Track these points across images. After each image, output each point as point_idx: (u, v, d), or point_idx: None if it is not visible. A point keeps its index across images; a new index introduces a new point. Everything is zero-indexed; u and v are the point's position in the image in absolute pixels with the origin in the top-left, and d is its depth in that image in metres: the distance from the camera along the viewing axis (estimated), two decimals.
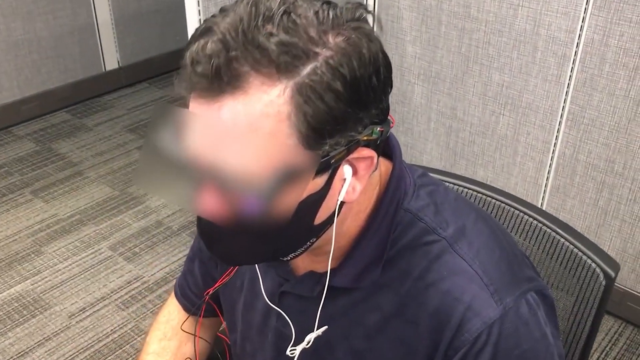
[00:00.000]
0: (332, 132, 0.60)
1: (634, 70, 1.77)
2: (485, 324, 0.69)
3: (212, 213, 0.63)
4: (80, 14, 3.37)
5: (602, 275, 0.95)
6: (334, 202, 0.66)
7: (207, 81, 0.58)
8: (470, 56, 2.08)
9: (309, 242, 0.68)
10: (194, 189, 0.63)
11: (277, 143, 0.59)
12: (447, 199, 0.77)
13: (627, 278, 2.05)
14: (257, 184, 0.59)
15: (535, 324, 0.72)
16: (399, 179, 0.74)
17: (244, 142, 0.59)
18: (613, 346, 2.03)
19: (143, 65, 3.76)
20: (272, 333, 0.85)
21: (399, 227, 0.73)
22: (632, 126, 1.84)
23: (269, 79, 0.58)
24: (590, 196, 2.00)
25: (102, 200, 2.71)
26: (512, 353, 0.70)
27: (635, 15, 1.72)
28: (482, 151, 2.19)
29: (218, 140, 0.59)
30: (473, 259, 0.71)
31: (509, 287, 0.71)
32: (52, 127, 3.29)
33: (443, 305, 0.70)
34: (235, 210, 0.62)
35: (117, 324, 2.10)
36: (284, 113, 0.58)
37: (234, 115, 0.58)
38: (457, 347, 0.69)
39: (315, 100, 0.58)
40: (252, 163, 0.59)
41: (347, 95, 0.59)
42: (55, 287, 2.24)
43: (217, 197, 0.62)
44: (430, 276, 0.71)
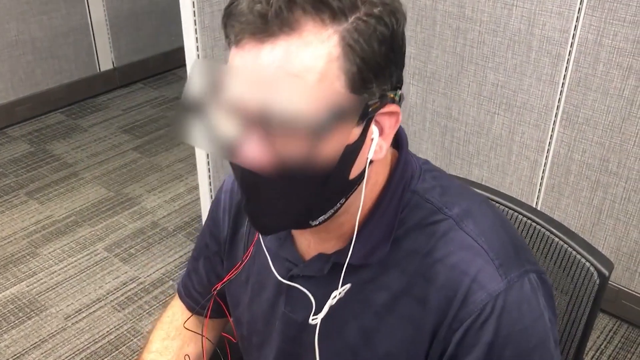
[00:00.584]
0: (374, 78, 0.65)
1: (628, 70, 1.78)
2: (490, 296, 0.70)
3: (259, 160, 0.64)
4: (74, 15, 3.37)
5: (596, 274, 0.95)
6: (364, 160, 0.69)
7: (263, 21, 0.61)
8: (465, 56, 2.09)
9: (339, 202, 0.70)
10: (239, 136, 0.64)
11: (326, 84, 0.62)
12: (452, 184, 0.80)
13: (622, 276, 2.06)
14: (308, 124, 0.61)
15: (536, 304, 0.74)
16: (405, 163, 0.77)
17: (296, 82, 0.61)
18: (608, 344, 2.04)
19: (138, 65, 3.76)
20: (279, 321, 0.85)
21: (407, 208, 0.75)
22: (626, 125, 1.85)
23: (321, 23, 0.61)
24: (585, 195, 2.01)
25: (97, 202, 2.71)
26: (515, 327, 0.71)
27: (629, 15, 1.73)
28: (477, 151, 2.20)
29: (270, 80, 0.62)
30: (479, 236, 0.73)
31: (513, 263, 0.73)
32: (46, 128, 3.28)
33: (450, 279, 0.72)
34: (282, 154, 0.63)
35: (113, 326, 2.10)
36: (333, 55, 0.62)
37: (288, 55, 0.61)
38: (461, 319, 0.71)
39: (362, 44, 0.63)
40: (302, 103, 0.61)
41: (388, 43, 0.65)
42: (50, 289, 2.24)
43: (265, 143, 0.63)
44: (437, 253, 0.73)
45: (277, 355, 0.87)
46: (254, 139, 0.64)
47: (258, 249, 0.87)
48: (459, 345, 0.72)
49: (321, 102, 0.62)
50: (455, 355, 0.72)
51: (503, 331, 0.71)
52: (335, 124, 0.62)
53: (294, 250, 0.82)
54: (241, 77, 0.63)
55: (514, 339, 0.71)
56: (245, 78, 0.63)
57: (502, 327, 0.71)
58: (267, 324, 0.88)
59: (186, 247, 2.45)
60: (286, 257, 0.82)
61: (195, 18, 1.82)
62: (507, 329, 0.71)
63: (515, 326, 0.71)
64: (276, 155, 0.64)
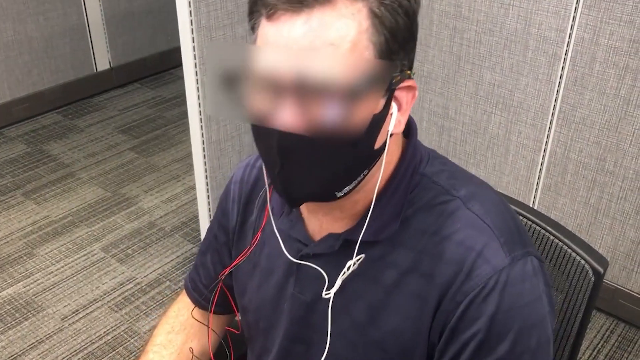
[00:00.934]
0: (399, 49, 0.70)
1: (624, 69, 1.79)
2: (495, 270, 0.73)
3: (295, 124, 0.67)
4: (71, 15, 3.36)
5: (591, 271, 0.95)
6: (385, 133, 0.73)
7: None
8: (461, 55, 2.09)
9: (363, 173, 0.74)
10: (276, 103, 0.68)
11: (357, 53, 0.67)
12: (458, 169, 0.84)
13: (619, 275, 2.06)
14: (341, 88, 0.66)
15: (537, 284, 0.76)
16: (415, 148, 0.81)
17: (330, 50, 0.66)
18: (605, 343, 2.05)
19: (134, 65, 3.75)
20: (287, 303, 0.87)
21: (416, 189, 0.79)
22: (622, 125, 1.85)
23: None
24: (582, 194, 2.02)
25: (94, 202, 2.71)
26: (516, 303, 0.74)
27: (625, 14, 1.73)
28: (474, 150, 2.20)
29: (306, 49, 0.65)
30: (485, 215, 0.77)
31: (517, 243, 0.77)
32: (43, 129, 3.27)
33: (456, 255, 0.75)
34: (317, 118, 0.67)
35: (110, 326, 2.09)
36: (363, 26, 0.67)
37: (323, 25, 0.65)
38: (465, 292, 0.74)
39: (389, 17, 0.68)
40: (336, 70, 0.66)
41: (410, 19, 0.70)
42: (47, 290, 2.23)
43: (300, 108, 0.67)
44: (445, 230, 0.76)
45: (284, 338, 0.89)
46: (290, 105, 0.67)
47: (267, 237, 0.89)
48: (461, 317, 0.74)
49: (353, 68, 0.66)
50: (457, 327, 0.75)
51: (505, 305, 0.73)
52: (365, 89, 0.67)
53: (305, 231, 0.84)
54: (276, 50, 0.67)
55: (515, 314, 0.74)
56: (280, 50, 0.67)
57: (504, 301, 0.73)
58: (275, 308, 0.89)
59: (183, 247, 2.45)
60: (297, 237, 0.84)
61: (191, 18, 1.81)
62: (509, 303, 0.73)
63: (516, 301, 0.74)
64: (311, 120, 0.67)
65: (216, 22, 1.89)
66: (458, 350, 0.75)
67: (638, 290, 2.04)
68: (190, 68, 1.90)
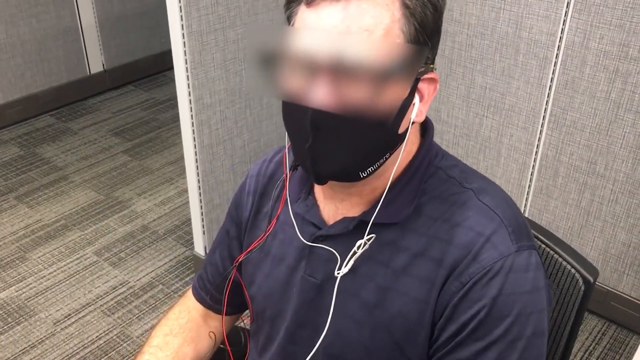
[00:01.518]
0: (426, 40, 0.75)
1: (614, 73, 1.79)
2: (501, 255, 0.77)
3: (329, 102, 0.72)
4: (64, 17, 3.36)
5: (582, 280, 0.96)
6: (408, 120, 0.78)
7: None
8: (453, 59, 2.10)
9: (385, 157, 0.78)
10: (312, 82, 0.73)
11: (389, 39, 0.72)
12: (467, 167, 0.88)
13: (610, 278, 2.07)
14: (375, 70, 0.71)
15: (540, 277, 0.79)
16: (431, 144, 0.86)
17: (365, 35, 0.71)
18: (597, 345, 2.05)
19: (128, 68, 3.75)
20: (297, 287, 0.89)
21: (430, 180, 0.84)
22: (612, 128, 1.86)
23: None
24: (573, 197, 2.02)
25: (87, 205, 2.70)
26: (518, 289, 0.77)
27: (614, 18, 1.73)
28: (467, 153, 2.21)
29: (344, 33, 0.71)
30: (495, 206, 0.81)
31: (524, 234, 0.80)
32: (36, 132, 3.27)
33: (465, 239, 0.79)
34: (350, 97, 0.72)
35: (102, 330, 2.09)
36: (396, 16, 0.73)
37: (359, 12, 0.71)
38: (471, 273, 0.77)
39: (419, 9, 0.74)
40: (371, 53, 0.71)
41: (438, 14, 0.76)
42: (40, 294, 2.23)
43: (336, 87, 0.72)
44: (456, 218, 0.80)
45: (289, 325, 0.91)
46: (325, 84, 0.72)
47: (280, 225, 0.93)
48: (463, 297, 0.77)
49: (385, 53, 0.72)
50: (459, 306, 0.78)
51: (507, 289, 0.76)
52: (395, 73, 0.72)
53: (320, 215, 0.88)
54: (315, 33, 0.72)
55: (516, 299, 0.76)
56: (319, 34, 0.72)
57: (507, 285, 0.76)
58: (284, 294, 0.91)
59: (176, 250, 2.45)
60: (312, 220, 0.88)
61: (182, 22, 1.81)
62: (511, 288, 0.76)
63: (519, 287, 0.77)
64: (343, 99, 0.72)
65: (207, 26, 1.89)
66: (457, 329, 0.78)
67: (629, 292, 2.05)
68: (182, 73, 1.90)
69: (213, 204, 2.17)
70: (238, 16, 1.97)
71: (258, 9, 2.00)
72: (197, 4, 1.83)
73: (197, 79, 1.94)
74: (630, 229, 1.95)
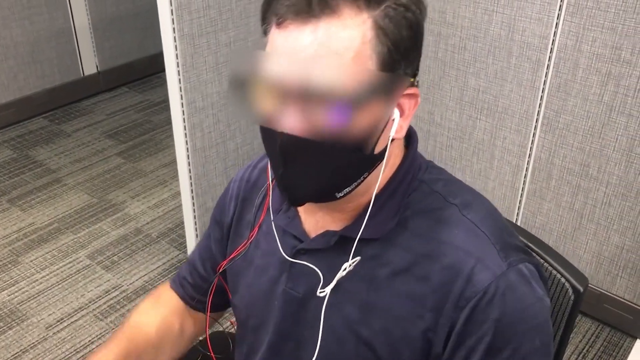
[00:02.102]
0: (401, 60, 0.72)
1: (607, 76, 1.79)
2: (495, 276, 0.76)
3: (299, 128, 0.71)
4: (57, 19, 3.34)
5: (571, 289, 0.95)
6: (386, 138, 0.76)
7: (307, 3, 0.68)
8: (446, 61, 2.09)
9: (363, 176, 0.77)
10: (281, 107, 0.71)
11: (360, 63, 0.70)
12: (453, 178, 0.87)
13: (604, 280, 2.06)
14: (344, 96, 0.69)
15: (535, 288, 0.79)
16: (414, 156, 0.84)
17: (334, 59, 0.69)
18: (590, 348, 2.05)
19: (122, 69, 3.74)
20: (279, 299, 0.88)
21: (414, 193, 0.82)
22: (605, 130, 1.85)
23: (357, 9, 0.69)
24: (566, 200, 2.02)
25: (80, 208, 2.69)
26: (519, 306, 0.76)
27: (607, 21, 1.73)
28: (460, 155, 2.20)
29: (312, 57, 0.69)
30: (480, 223, 0.79)
31: (512, 249, 0.79)
32: (29, 134, 3.25)
33: (454, 260, 0.77)
34: (320, 123, 0.70)
35: (95, 335, 2.08)
36: (367, 37, 0.69)
37: (329, 35, 0.68)
38: (468, 297, 0.76)
39: (392, 28, 0.70)
40: (340, 78, 0.69)
41: (414, 30, 0.72)
42: (32, 298, 2.22)
43: (304, 113, 0.70)
44: (442, 235, 0.79)
45: (272, 336, 0.90)
46: (294, 110, 0.70)
47: (263, 235, 0.92)
48: (467, 322, 0.76)
49: (356, 78, 0.69)
50: (463, 332, 0.77)
51: (509, 309, 0.75)
52: (366, 99, 0.70)
53: (301, 227, 0.87)
54: (283, 57, 0.70)
55: (519, 316, 0.76)
56: (287, 57, 0.70)
57: (507, 305, 0.75)
58: (266, 305, 0.90)
59: (170, 253, 2.44)
60: (293, 233, 0.87)
61: (174, 26, 1.80)
62: (512, 307, 0.76)
63: (519, 305, 0.76)
64: (313, 124, 0.71)
65: (199, 29, 1.88)
66: (466, 354, 0.77)
67: (622, 294, 2.05)
68: (174, 76, 1.89)
69: (206, 207, 2.16)
70: (230, 19, 1.96)
71: (250, 12, 2.00)
72: (189, 7, 1.82)
73: (189, 82, 1.93)
74: (624, 232, 1.95)
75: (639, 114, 1.78)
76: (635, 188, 1.87)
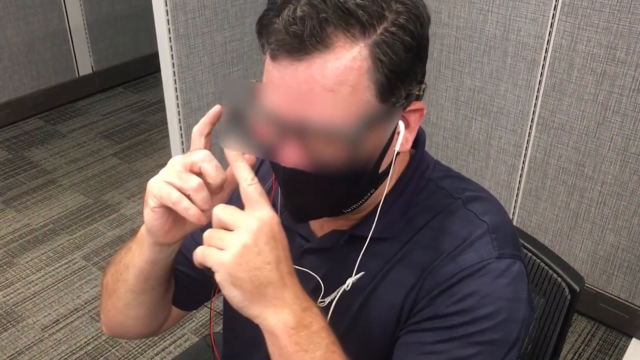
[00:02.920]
0: (401, 84, 0.69)
1: (602, 75, 1.79)
2: (481, 259, 0.75)
3: (298, 163, 0.70)
4: (52, 19, 3.33)
5: (568, 289, 0.96)
6: (391, 153, 0.75)
7: (299, 41, 0.65)
8: (442, 61, 2.09)
9: (369, 193, 0.77)
10: (280, 142, 0.69)
11: (358, 95, 0.67)
12: (460, 176, 0.87)
13: (599, 279, 2.07)
14: (342, 134, 0.67)
15: (521, 288, 0.77)
16: (422, 155, 0.84)
17: (330, 96, 0.67)
18: (586, 347, 2.06)
19: (117, 70, 3.73)
20: None
21: (422, 192, 0.82)
22: (600, 130, 1.86)
23: (352, 38, 0.66)
24: (562, 199, 2.02)
25: (75, 209, 2.68)
26: (495, 294, 0.74)
27: (601, 21, 1.73)
28: (456, 155, 2.21)
29: (307, 95, 0.67)
30: (482, 214, 0.79)
31: (509, 244, 0.78)
32: (24, 135, 3.24)
33: (446, 241, 0.78)
34: (319, 158, 0.69)
35: (91, 336, 2.08)
36: (364, 68, 0.67)
37: (323, 71, 0.66)
38: (447, 272, 0.75)
39: (390, 54, 0.67)
40: (337, 115, 0.67)
41: (414, 50, 0.69)
42: (28, 299, 2.21)
43: (303, 148, 0.69)
44: (441, 224, 0.79)
45: None
46: (293, 145, 0.69)
47: None
48: (441, 293, 0.75)
49: (354, 112, 0.67)
50: (435, 299, 0.75)
51: (483, 291, 0.74)
52: (367, 131, 0.69)
53: (308, 227, 0.86)
54: (279, 92, 0.69)
55: (492, 302, 0.74)
56: (282, 92, 0.68)
57: (483, 287, 0.74)
58: None
59: None
60: (300, 232, 0.86)
61: (169, 26, 1.80)
62: (487, 290, 0.74)
63: (497, 292, 0.74)
64: (314, 159, 0.70)
65: (194, 30, 1.88)
66: (429, 316, 0.76)
67: (618, 293, 2.05)
68: (169, 77, 1.89)
69: None
70: (226, 19, 1.96)
71: (245, 12, 2.00)
72: (184, 7, 1.82)
73: (185, 83, 1.93)
74: (619, 231, 1.96)
75: (633, 113, 1.79)
76: (631, 187, 1.88)
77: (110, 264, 0.92)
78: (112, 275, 0.90)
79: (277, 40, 0.66)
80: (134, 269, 0.85)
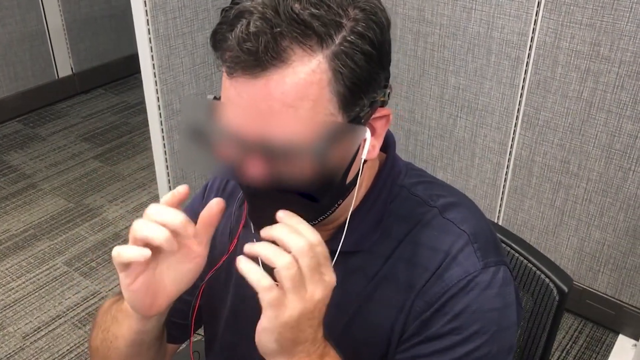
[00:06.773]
0: (364, 92, 0.67)
1: (586, 72, 1.79)
2: (466, 273, 0.74)
3: (262, 180, 0.67)
4: (29, 20, 3.28)
5: (556, 290, 0.95)
6: (359, 161, 0.73)
7: (254, 58, 0.62)
8: (426, 59, 2.08)
9: (337, 204, 0.74)
10: (242, 160, 0.67)
11: (319, 109, 0.65)
12: (435, 180, 0.84)
13: (585, 276, 2.07)
14: (305, 150, 0.65)
15: (509, 293, 0.76)
16: (393, 161, 0.82)
17: (291, 112, 0.64)
18: (573, 344, 2.06)
19: (97, 71, 3.68)
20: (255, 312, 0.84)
21: (395, 200, 0.80)
22: (585, 127, 1.85)
23: (310, 51, 0.63)
24: (547, 196, 2.02)
25: (56, 214, 2.64)
26: (484, 307, 0.74)
27: (585, 18, 1.73)
28: (441, 154, 2.19)
29: (267, 113, 0.64)
30: (461, 222, 0.77)
31: (492, 250, 0.77)
32: (3, 138, 3.19)
33: (431, 260, 0.75)
34: (283, 175, 0.67)
35: (73, 343, 2.04)
36: (324, 80, 0.64)
37: (282, 87, 0.63)
38: (436, 293, 0.74)
39: (350, 64, 0.65)
40: (298, 131, 0.64)
41: (375, 58, 0.67)
42: (8, 307, 2.17)
43: (266, 165, 0.67)
44: (421, 238, 0.77)
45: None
46: (255, 163, 0.67)
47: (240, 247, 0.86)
48: (433, 314, 0.74)
49: (317, 127, 0.65)
50: (427, 322, 0.75)
51: (473, 307, 0.73)
52: (331, 145, 0.66)
53: None
54: (238, 110, 0.66)
55: (482, 317, 0.74)
56: (242, 111, 0.65)
57: (472, 303, 0.73)
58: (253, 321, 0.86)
59: None
60: None
61: (148, 27, 1.77)
62: (477, 305, 0.73)
63: (485, 305, 0.74)
64: (277, 176, 0.67)
65: (175, 30, 1.84)
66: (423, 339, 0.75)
67: (604, 290, 2.06)
68: (150, 78, 1.85)
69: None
70: (207, 19, 1.93)
71: None
72: (164, 7, 1.79)
73: (166, 84, 1.89)
74: (605, 228, 1.96)
75: (618, 110, 1.79)
76: (616, 184, 1.88)
77: (94, 327, 0.90)
78: (101, 342, 0.87)
79: (232, 57, 0.63)
80: (124, 340, 0.82)
